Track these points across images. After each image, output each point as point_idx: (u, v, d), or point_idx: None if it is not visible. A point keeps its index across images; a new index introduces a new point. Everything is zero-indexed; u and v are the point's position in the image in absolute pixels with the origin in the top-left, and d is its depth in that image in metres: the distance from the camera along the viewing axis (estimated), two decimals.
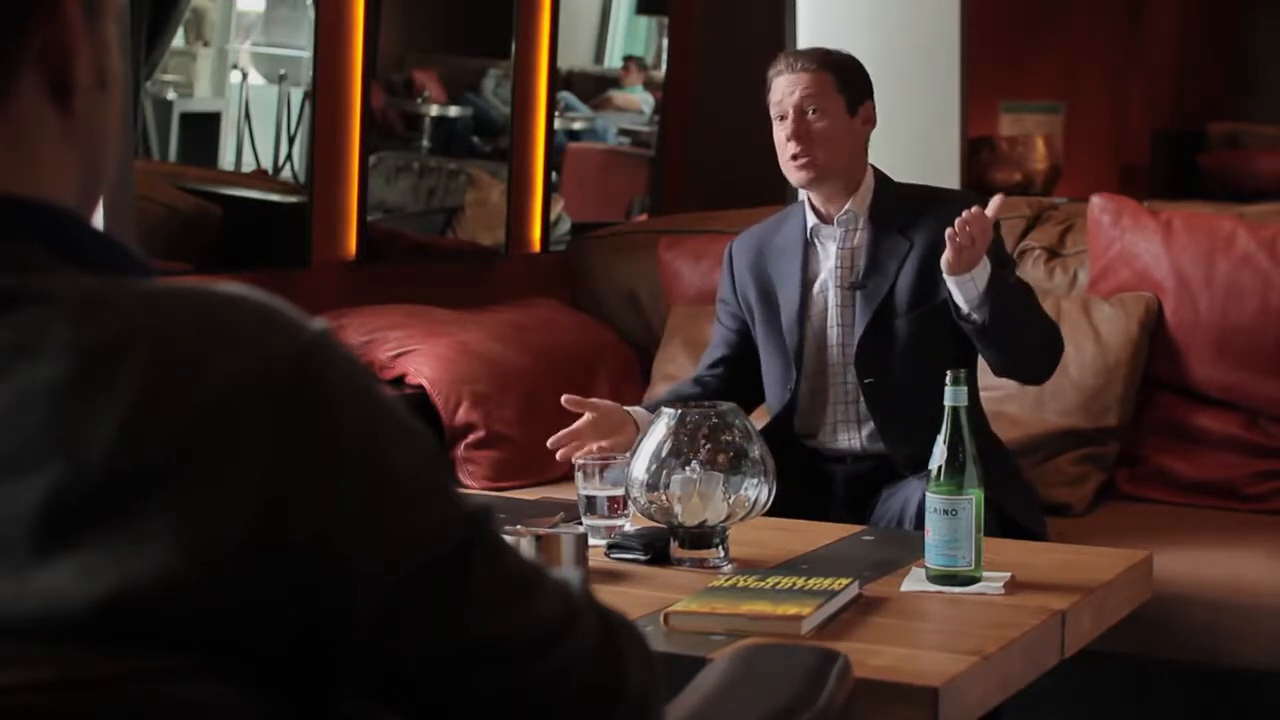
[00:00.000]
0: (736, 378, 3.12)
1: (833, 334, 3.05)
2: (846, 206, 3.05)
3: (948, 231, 2.75)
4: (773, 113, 3.03)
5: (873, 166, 3.10)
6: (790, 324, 3.06)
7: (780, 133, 3.01)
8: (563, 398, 2.85)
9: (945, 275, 2.81)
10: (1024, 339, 2.92)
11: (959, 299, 2.83)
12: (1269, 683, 2.85)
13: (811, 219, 3.08)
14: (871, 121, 3.07)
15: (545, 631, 0.93)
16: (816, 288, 3.07)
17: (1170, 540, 3.01)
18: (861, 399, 3.01)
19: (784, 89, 3.01)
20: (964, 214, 2.75)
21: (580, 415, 2.82)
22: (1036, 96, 7.75)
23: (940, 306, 2.95)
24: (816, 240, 3.08)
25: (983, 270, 2.80)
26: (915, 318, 2.99)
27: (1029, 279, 3.66)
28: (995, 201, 2.79)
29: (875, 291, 3.01)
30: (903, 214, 3.04)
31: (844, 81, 3.03)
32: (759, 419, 2.99)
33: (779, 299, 3.09)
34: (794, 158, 2.99)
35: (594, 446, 2.74)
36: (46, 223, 0.88)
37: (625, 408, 2.88)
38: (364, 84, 3.97)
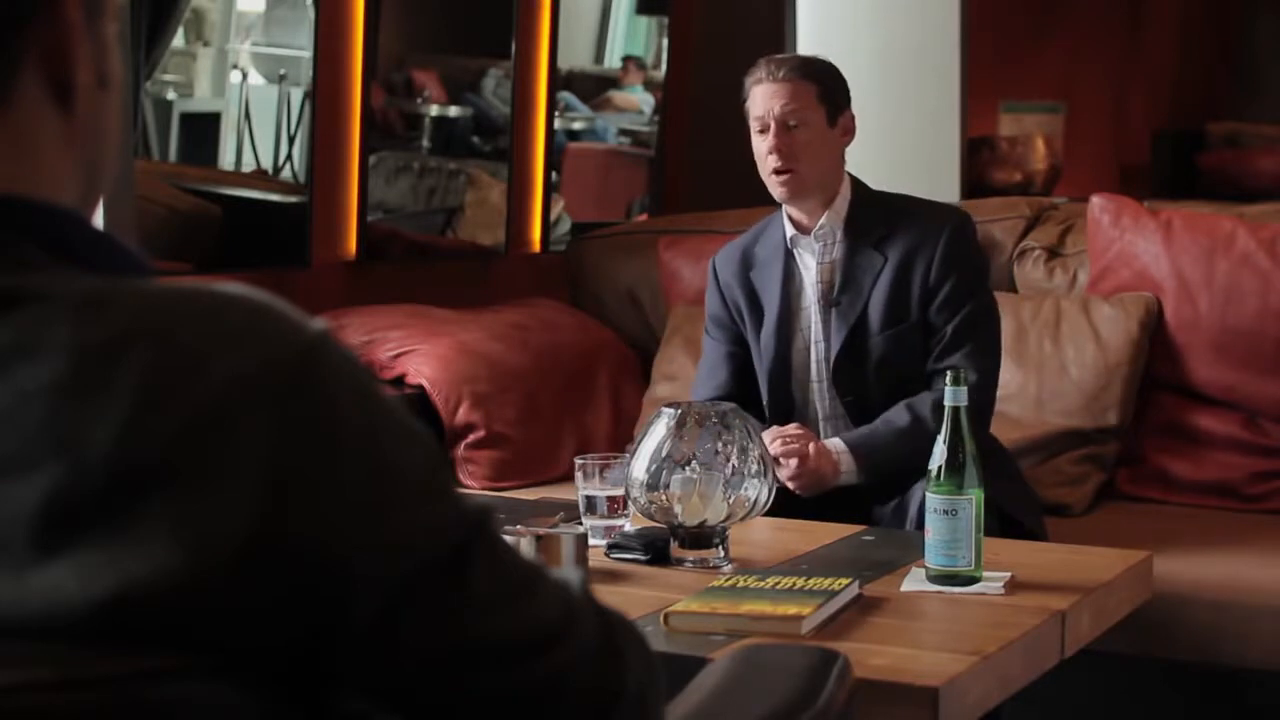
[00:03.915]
0: (743, 397, 3.04)
1: (816, 349, 3.04)
2: (822, 220, 3.03)
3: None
4: (753, 124, 3.01)
5: (849, 175, 3.08)
6: (769, 337, 3.05)
7: (761, 144, 2.99)
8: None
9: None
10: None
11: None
12: (1269, 683, 2.85)
13: (790, 229, 3.06)
14: (850, 132, 3.05)
15: (545, 632, 0.93)
16: (801, 301, 3.06)
17: (1170, 540, 3.01)
18: (849, 416, 3.00)
19: (765, 99, 2.98)
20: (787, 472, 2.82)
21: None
22: (1036, 96, 7.74)
23: (913, 325, 2.95)
24: (796, 251, 3.07)
25: (848, 475, 2.88)
26: (889, 336, 2.97)
27: (1029, 279, 3.67)
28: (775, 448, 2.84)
29: (850, 310, 2.99)
30: (878, 227, 3.02)
31: (825, 92, 3.00)
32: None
33: (764, 309, 3.09)
34: (776, 172, 2.97)
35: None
36: (47, 223, 0.88)
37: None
38: (364, 84, 3.97)
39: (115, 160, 0.97)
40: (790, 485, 2.85)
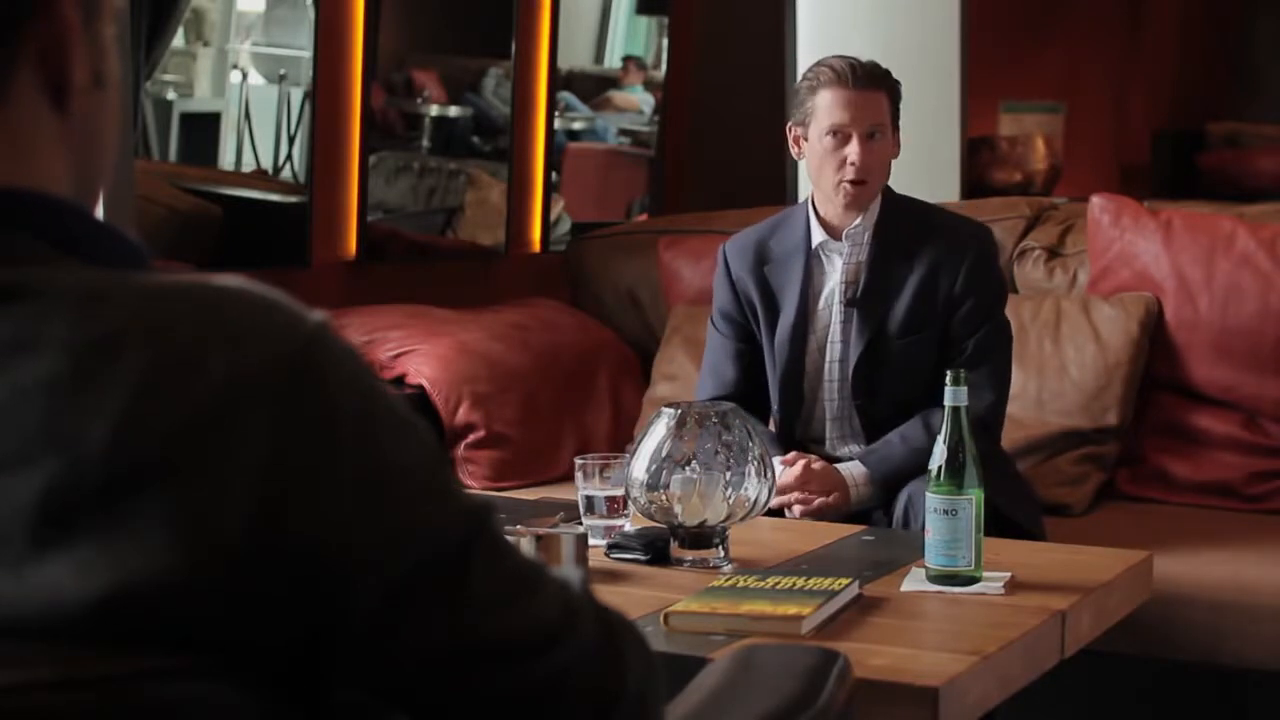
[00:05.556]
0: (750, 395, 3.06)
1: (833, 350, 3.02)
2: (857, 221, 3.00)
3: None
4: (827, 126, 2.93)
5: None
6: (784, 337, 3.03)
7: (837, 150, 2.93)
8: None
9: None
10: None
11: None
12: (1269, 683, 2.85)
13: (819, 235, 3.03)
14: (899, 146, 3.04)
15: (545, 631, 0.93)
16: (821, 302, 3.04)
17: (1170, 540, 3.01)
18: (856, 417, 3.00)
19: (844, 107, 2.93)
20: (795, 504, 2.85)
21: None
22: (1036, 96, 7.74)
23: (931, 336, 2.95)
24: (822, 254, 3.04)
25: (867, 497, 2.91)
26: (908, 344, 2.96)
27: (1029, 279, 3.67)
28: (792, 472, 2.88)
29: (872, 313, 2.97)
30: (907, 235, 3.00)
31: (893, 105, 2.99)
32: None
33: (780, 307, 3.06)
34: (854, 183, 2.93)
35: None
36: (48, 215, 0.88)
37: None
38: (364, 84, 3.97)
39: (111, 160, 0.97)
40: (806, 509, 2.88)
